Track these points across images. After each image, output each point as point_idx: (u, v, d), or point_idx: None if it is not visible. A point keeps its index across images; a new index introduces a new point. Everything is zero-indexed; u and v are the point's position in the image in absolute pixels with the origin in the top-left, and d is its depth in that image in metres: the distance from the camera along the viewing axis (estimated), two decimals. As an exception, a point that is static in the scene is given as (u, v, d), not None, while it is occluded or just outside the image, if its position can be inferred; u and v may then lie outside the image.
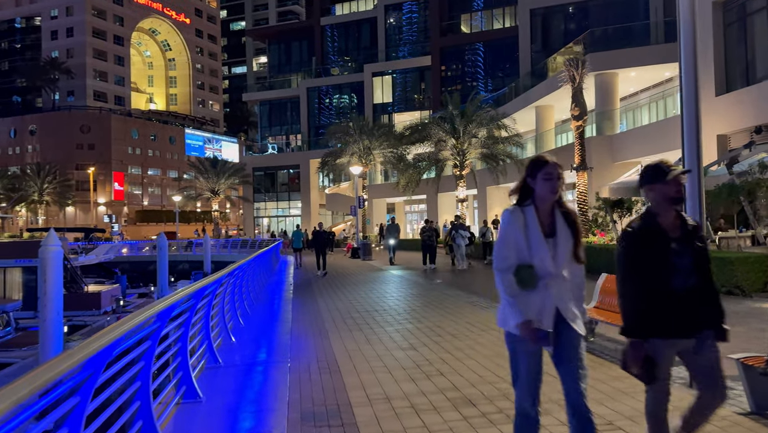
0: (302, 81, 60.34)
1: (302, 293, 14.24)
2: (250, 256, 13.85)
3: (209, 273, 37.61)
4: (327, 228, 58.71)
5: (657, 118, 29.76)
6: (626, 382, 5.11)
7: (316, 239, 20.26)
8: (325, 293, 13.94)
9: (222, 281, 8.07)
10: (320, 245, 19.64)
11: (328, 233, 20.81)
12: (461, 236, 19.11)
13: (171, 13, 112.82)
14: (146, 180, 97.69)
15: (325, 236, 20.29)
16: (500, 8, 49.65)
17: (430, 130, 32.41)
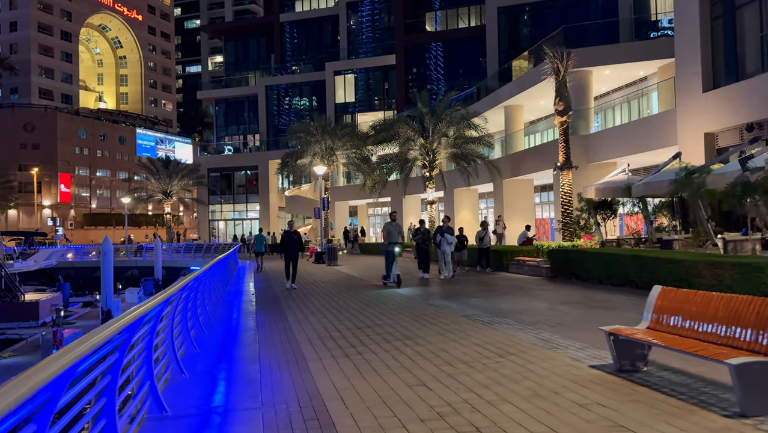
0: (260, 79, 58.12)
1: (267, 306, 12.45)
2: (207, 264, 12.03)
3: (160, 280, 35.25)
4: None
5: (630, 117, 29.04)
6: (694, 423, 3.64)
7: (285, 242, 16.60)
8: (295, 306, 12.19)
9: (171, 300, 6.31)
10: (291, 250, 16.19)
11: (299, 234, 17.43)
12: (446, 241, 16.95)
13: (122, 9, 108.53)
14: (95, 182, 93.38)
15: (296, 239, 16.58)
16: (465, 7, 48.60)
17: (398, 128, 30.88)
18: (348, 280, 18.34)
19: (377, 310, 10.92)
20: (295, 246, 16.35)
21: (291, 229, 16.76)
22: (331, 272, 22.31)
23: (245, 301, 13.45)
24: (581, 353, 6.59)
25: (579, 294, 12.23)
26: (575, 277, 15.01)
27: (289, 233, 16.65)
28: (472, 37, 46.05)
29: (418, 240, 17.64)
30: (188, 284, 7.91)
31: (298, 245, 16.61)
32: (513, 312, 9.94)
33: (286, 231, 16.90)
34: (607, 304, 10.61)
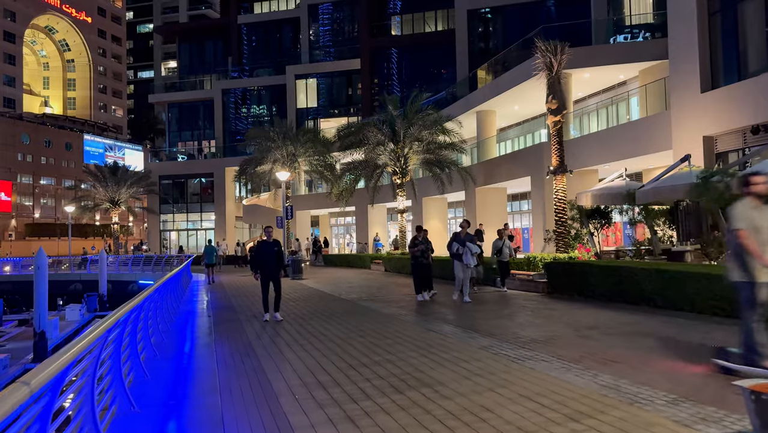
0: (217, 82, 55.40)
1: (228, 333, 10.26)
2: (157, 284, 9.85)
3: (105, 295, 32.30)
4: (244, 242, 53.83)
5: (609, 123, 27.87)
6: None
7: (262, 256, 11.90)
8: (263, 333, 10.04)
9: (107, 337, 4.24)
10: (270, 267, 11.81)
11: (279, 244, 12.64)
12: (470, 251, 13.31)
13: (70, 10, 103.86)
14: (38, 190, 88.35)
15: (277, 251, 11.99)
16: (432, 11, 47.19)
17: (367, 132, 28.94)
18: (320, 297, 16.20)
19: (368, 339, 8.87)
20: (275, 261, 11.83)
21: (269, 238, 11.99)
22: (297, 287, 20.10)
23: (201, 326, 11.20)
24: (680, 411, 4.74)
25: (598, 316, 10.45)
26: (578, 293, 13.31)
27: (266, 244, 11.95)
28: (439, 42, 44.63)
29: (416, 253, 14.20)
30: (127, 315, 5.78)
31: (278, 259, 11.91)
32: (538, 342, 8.06)
33: (263, 241, 12.11)
34: (641, 329, 8.87)
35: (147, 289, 8.35)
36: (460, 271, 13.55)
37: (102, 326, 4.73)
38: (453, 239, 13.88)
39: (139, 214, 73.53)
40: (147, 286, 32.70)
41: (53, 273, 42.99)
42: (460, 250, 13.47)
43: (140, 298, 7.45)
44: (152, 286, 9.15)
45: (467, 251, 13.42)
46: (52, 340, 23.54)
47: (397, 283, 20.54)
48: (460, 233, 13.98)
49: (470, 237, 13.96)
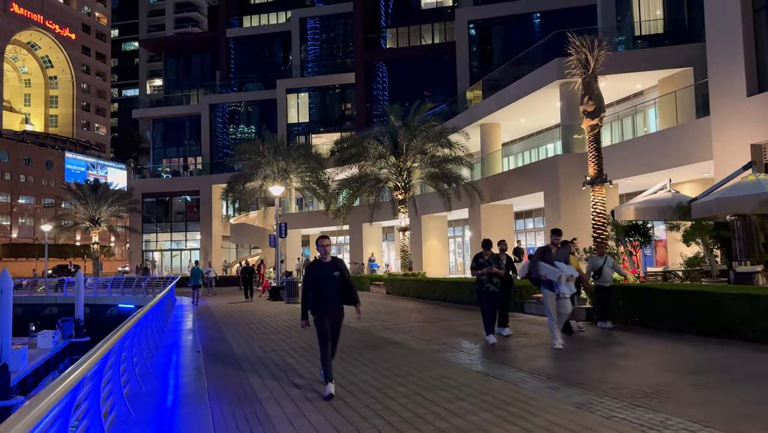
0: (204, 97, 53.36)
1: (224, 377, 8.11)
2: (137, 315, 7.78)
3: (81, 321, 29.76)
4: (231, 263, 51.47)
5: (623, 136, 26.23)
6: None
7: (320, 284, 7.07)
8: (270, 379, 7.91)
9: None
10: (334, 305, 7.13)
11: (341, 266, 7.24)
12: (563, 275, 9.30)
13: (53, 26, 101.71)
14: (16, 209, 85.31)
15: (342, 277, 7.11)
16: (428, 24, 45.76)
17: (367, 145, 27.02)
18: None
19: (412, 389, 6.78)
20: (340, 293, 7.12)
21: (325, 255, 7.15)
22: (295, 312, 17.94)
23: (187, 366, 9.03)
24: None
25: (685, 352, 8.46)
26: (634, 322, 11.33)
27: (322, 266, 7.13)
28: (436, 54, 43.13)
29: (482, 277, 10.11)
30: (98, 365, 3.73)
31: (346, 289, 7.13)
32: (648, 395, 6.02)
33: (317, 262, 7.26)
34: (761, 372, 6.90)
35: (120, 328, 6.26)
36: (553, 304, 9.46)
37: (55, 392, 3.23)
38: (538, 256, 9.83)
39: (122, 234, 70.78)
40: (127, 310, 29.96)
41: (26, 296, 40.37)
42: (547, 271, 9.44)
43: (112, 341, 5.42)
44: (128, 322, 7.06)
45: (558, 274, 9.31)
46: (19, 372, 21.09)
47: (407, 307, 18.46)
48: (548, 249, 9.85)
49: (563, 254, 9.82)
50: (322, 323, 7.03)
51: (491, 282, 10.18)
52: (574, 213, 22.79)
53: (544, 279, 9.54)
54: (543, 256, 9.74)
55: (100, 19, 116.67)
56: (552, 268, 9.35)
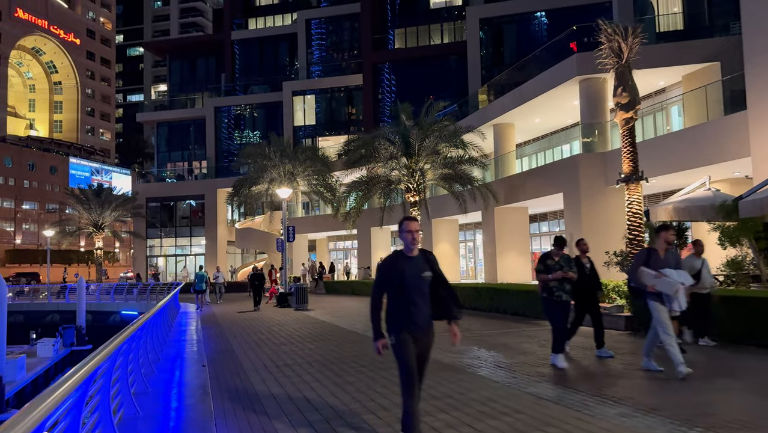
0: (209, 100, 52.56)
1: (234, 396, 7.13)
2: (133, 326, 6.83)
3: (83, 328, 28.86)
4: (235, 269, 50.44)
5: (645, 135, 25.19)
6: None
7: (402, 287, 4.71)
8: (288, 402, 6.91)
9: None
10: (424, 318, 4.77)
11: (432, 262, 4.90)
12: (675, 285, 7.14)
13: (58, 31, 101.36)
14: (20, 215, 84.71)
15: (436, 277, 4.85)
16: (437, 24, 44.85)
17: (377, 146, 26.05)
18: (339, 335, 13.07)
19: (456, 416, 5.79)
20: (435, 301, 4.89)
21: (410, 248, 4.80)
22: (305, 320, 16.95)
23: (192, 382, 8.05)
24: None
25: None
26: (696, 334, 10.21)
27: (407, 261, 4.79)
28: (445, 54, 42.21)
29: (551, 283, 8.28)
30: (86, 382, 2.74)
31: (437, 296, 4.89)
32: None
33: (398, 255, 4.88)
34: None
35: (110, 343, 5.29)
36: (667, 318, 7.30)
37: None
38: (641, 260, 7.56)
39: (126, 239, 70.03)
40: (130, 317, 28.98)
41: (28, 303, 39.50)
42: (656, 284, 7.21)
43: (98, 359, 4.47)
44: (121, 334, 6.09)
45: (675, 286, 7.11)
46: (16, 383, 20.16)
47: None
48: (654, 251, 7.55)
49: (673, 256, 7.56)
50: (407, 349, 4.59)
51: (563, 289, 8.26)
52: (596, 215, 21.78)
53: (652, 291, 7.28)
54: (647, 260, 7.44)
55: (105, 24, 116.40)
56: (664, 278, 7.15)
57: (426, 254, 4.82)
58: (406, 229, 4.71)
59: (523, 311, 15.01)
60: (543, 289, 8.43)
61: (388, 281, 4.72)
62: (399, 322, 4.67)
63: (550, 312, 8.46)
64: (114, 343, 5.24)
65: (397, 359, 4.67)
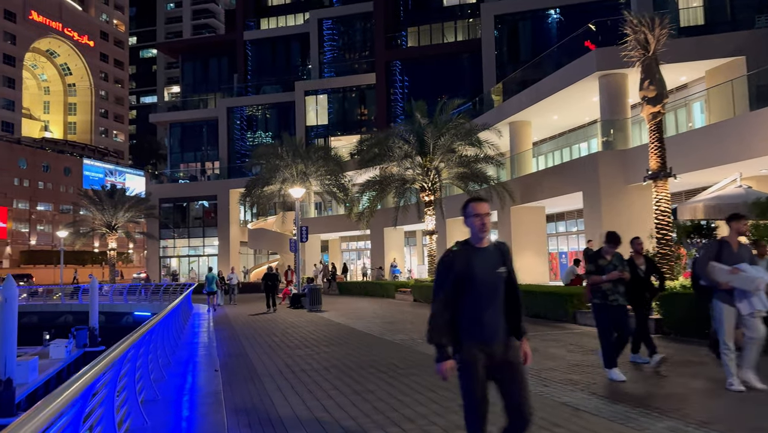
0: (221, 100, 52.43)
1: (249, 406, 6.73)
2: (141, 330, 6.47)
3: (96, 329, 28.72)
4: (248, 270, 50.21)
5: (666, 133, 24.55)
6: None
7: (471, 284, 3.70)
8: (307, 412, 6.51)
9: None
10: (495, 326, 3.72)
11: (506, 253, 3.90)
12: (754, 279, 6.24)
13: (72, 34, 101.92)
14: (35, 216, 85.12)
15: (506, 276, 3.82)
16: (451, 21, 44.35)
17: (391, 144, 25.63)
18: (355, 337, 12.66)
19: None
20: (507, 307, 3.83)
21: (481, 236, 3.74)
22: (319, 321, 16.56)
23: (204, 395, 7.66)
24: None
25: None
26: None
27: (476, 253, 3.74)
28: (460, 52, 41.72)
29: (604, 285, 7.38)
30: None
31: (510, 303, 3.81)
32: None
33: (465, 245, 3.79)
34: None
35: (115, 348, 4.92)
36: (731, 324, 6.47)
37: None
38: (711, 254, 6.62)
39: (139, 240, 70.06)
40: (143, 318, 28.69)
41: (41, 303, 39.51)
42: (731, 280, 6.39)
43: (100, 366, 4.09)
44: (128, 338, 5.71)
45: (756, 281, 6.29)
46: (28, 385, 19.91)
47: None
48: (726, 243, 6.61)
49: (747, 250, 6.70)
50: (474, 373, 3.62)
51: (618, 292, 7.30)
52: (616, 214, 21.20)
53: (725, 288, 6.39)
54: (719, 254, 6.50)
55: (118, 26, 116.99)
56: (741, 274, 6.28)
57: (499, 246, 3.82)
58: (473, 212, 3.68)
59: (545, 313, 14.51)
60: (594, 293, 7.43)
61: (452, 280, 3.65)
62: (466, 334, 3.64)
63: (600, 319, 7.46)
64: (118, 349, 4.87)
65: (461, 386, 3.65)
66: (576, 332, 12.06)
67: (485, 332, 3.62)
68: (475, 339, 3.61)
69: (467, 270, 3.62)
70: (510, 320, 3.72)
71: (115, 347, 4.99)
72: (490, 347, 3.61)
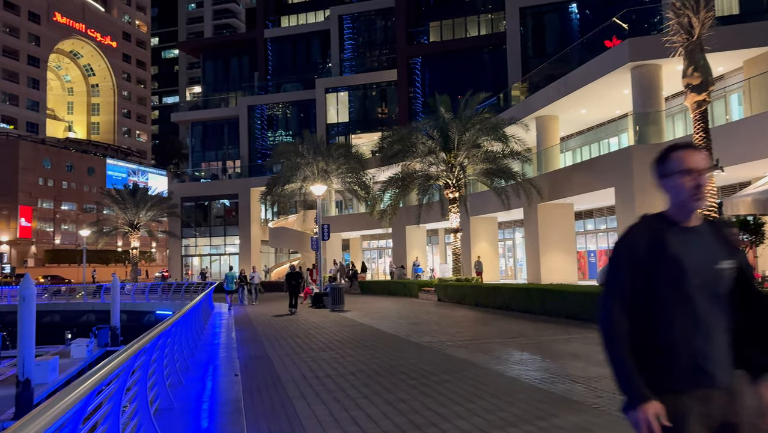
0: (242, 99, 52.24)
1: (270, 405, 6.17)
2: (157, 329, 5.95)
3: (118, 328, 28.56)
4: (268, 269, 49.89)
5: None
6: None
7: (684, 297, 2.19)
8: (329, 415, 5.92)
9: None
10: (725, 386, 2.16)
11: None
12: None
13: (95, 35, 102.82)
14: (59, 215, 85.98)
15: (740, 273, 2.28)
16: (474, 16, 43.55)
17: (414, 140, 24.99)
18: (381, 339, 12.07)
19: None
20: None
21: (692, 206, 2.29)
22: (342, 321, 16.01)
23: (223, 403, 7.11)
24: None
25: None
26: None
27: (680, 234, 2.25)
28: (483, 46, 40.95)
29: None
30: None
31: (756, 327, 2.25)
32: None
33: (659, 220, 2.34)
34: None
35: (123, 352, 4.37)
36: None
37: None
38: None
39: (162, 239, 70.30)
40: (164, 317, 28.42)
41: (64, 302, 39.57)
42: None
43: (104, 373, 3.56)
44: (139, 341, 5.18)
45: None
46: (48, 385, 19.65)
47: (468, 317, 16.35)
48: None
49: None
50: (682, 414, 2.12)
51: None
52: (651, 211, 20.32)
53: None
54: None
55: (140, 27, 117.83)
56: None
57: (717, 227, 2.35)
58: (681, 165, 2.30)
59: (579, 315, 13.78)
60: None
61: (642, 280, 2.23)
62: (662, 372, 2.18)
63: None
64: (122, 356, 4.32)
65: None
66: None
67: (700, 369, 2.14)
68: (682, 381, 2.14)
69: (666, 262, 2.19)
70: (744, 348, 2.22)
71: (118, 353, 4.46)
72: (708, 396, 2.13)
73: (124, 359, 4.19)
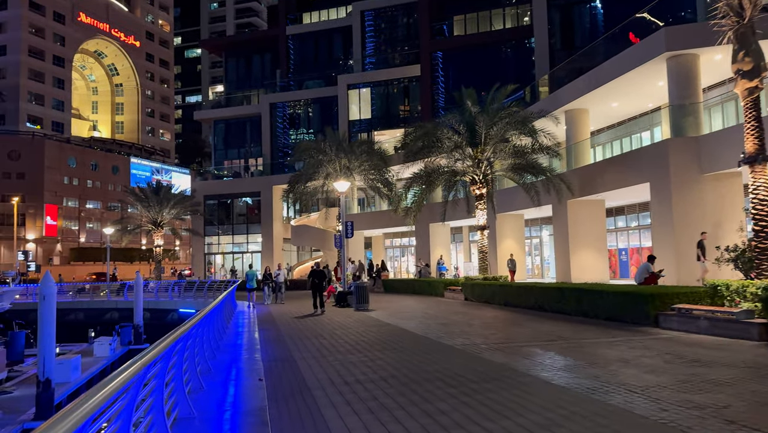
0: (264, 96, 51.96)
1: (297, 414, 5.63)
2: (178, 332, 5.43)
3: (141, 327, 28.34)
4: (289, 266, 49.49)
5: (725, 122, 22.60)
6: None
7: None
8: (363, 427, 5.37)
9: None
10: None
11: None
12: None
13: (119, 34, 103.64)
14: (84, 214, 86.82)
15: None
16: (499, 9, 42.67)
17: (440, 135, 24.33)
18: (409, 341, 11.48)
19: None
20: None
21: None
22: (367, 321, 15.45)
23: (246, 412, 6.59)
24: None
25: None
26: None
27: None
28: (510, 40, 40.09)
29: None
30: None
31: None
32: None
33: None
34: None
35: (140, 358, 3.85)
36: None
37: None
38: None
39: (185, 237, 70.49)
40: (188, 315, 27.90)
41: (87, 300, 39.68)
42: None
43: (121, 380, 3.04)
44: (157, 346, 4.68)
45: None
46: (70, 384, 19.42)
47: (498, 318, 15.68)
48: None
49: None
50: None
51: None
52: (689, 207, 19.48)
53: None
54: None
55: (164, 26, 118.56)
56: None
57: None
58: None
59: (620, 316, 13.05)
60: None
61: None
62: None
63: None
64: (142, 360, 3.81)
65: None
66: (663, 337, 10.61)
67: None
68: None
69: None
70: None
71: (136, 359, 3.95)
72: None
73: (131, 376, 3.65)
